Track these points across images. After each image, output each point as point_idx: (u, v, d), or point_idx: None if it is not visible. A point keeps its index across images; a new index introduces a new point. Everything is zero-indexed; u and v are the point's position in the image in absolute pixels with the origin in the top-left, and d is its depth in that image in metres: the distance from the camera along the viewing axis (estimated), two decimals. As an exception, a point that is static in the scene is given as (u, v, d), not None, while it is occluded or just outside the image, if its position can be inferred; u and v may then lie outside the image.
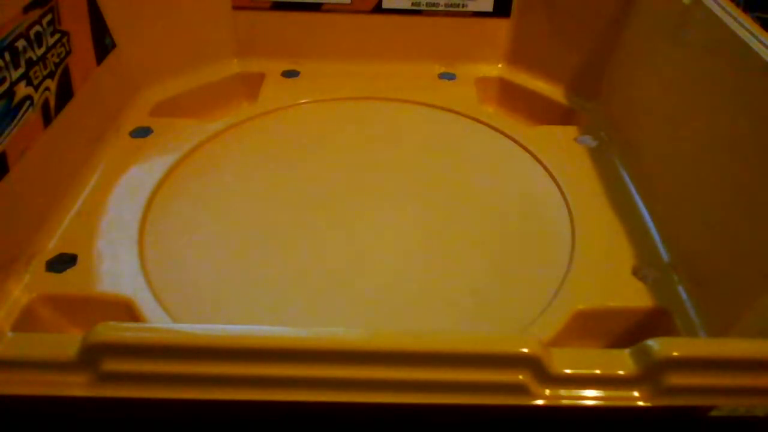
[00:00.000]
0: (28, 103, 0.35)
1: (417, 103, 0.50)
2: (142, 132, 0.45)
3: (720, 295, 0.32)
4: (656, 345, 0.23)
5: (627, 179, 0.42)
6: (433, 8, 0.53)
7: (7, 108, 0.34)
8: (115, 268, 0.34)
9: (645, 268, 0.35)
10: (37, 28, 0.37)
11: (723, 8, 0.38)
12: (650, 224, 0.38)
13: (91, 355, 0.22)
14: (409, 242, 0.38)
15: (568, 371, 0.23)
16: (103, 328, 0.22)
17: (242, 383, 0.22)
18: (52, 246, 0.35)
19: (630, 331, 0.33)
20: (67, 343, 0.22)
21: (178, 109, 0.49)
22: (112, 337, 0.22)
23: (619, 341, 0.33)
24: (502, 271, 0.36)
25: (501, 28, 0.53)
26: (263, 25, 0.53)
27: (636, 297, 0.34)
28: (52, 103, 0.38)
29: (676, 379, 0.23)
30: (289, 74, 0.53)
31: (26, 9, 0.36)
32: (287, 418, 0.26)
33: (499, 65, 0.54)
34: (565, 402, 0.23)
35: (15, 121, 0.34)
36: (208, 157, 0.44)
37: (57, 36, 0.39)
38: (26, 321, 0.32)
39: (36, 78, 0.36)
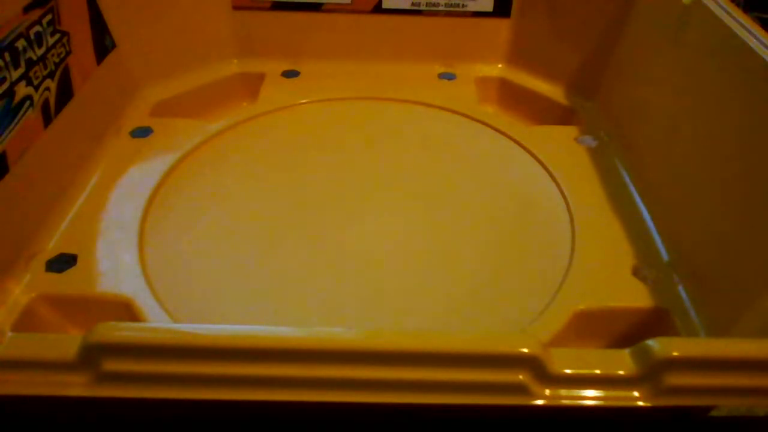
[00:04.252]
0: (28, 103, 0.35)
1: (417, 103, 0.50)
2: (142, 132, 0.45)
3: (720, 295, 0.32)
4: (656, 345, 0.23)
5: (627, 179, 0.42)
6: (433, 8, 0.53)
7: (7, 108, 0.34)
8: (115, 268, 0.34)
9: (645, 268, 0.35)
10: (37, 28, 0.37)
11: (723, 8, 0.38)
12: (650, 224, 0.38)
13: (91, 355, 0.22)
14: (409, 242, 0.38)
15: (568, 371, 0.23)
16: (103, 328, 0.22)
17: (242, 383, 0.22)
18: (52, 246, 0.35)
19: (630, 331, 0.33)
20: (67, 343, 0.22)
21: (178, 109, 0.49)
22: (112, 337, 0.22)
23: (619, 341, 0.33)
24: (502, 271, 0.36)
25: (501, 28, 0.53)
26: (263, 25, 0.53)
27: (636, 297, 0.34)
28: (52, 103, 0.38)
29: (676, 379, 0.23)
30: (289, 74, 0.53)
31: (26, 9, 0.36)
32: (287, 418, 0.26)
33: (499, 65, 0.54)
34: (565, 402, 0.23)
35: (15, 121, 0.34)
36: (208, 157, 0.44)
37: (57, 36, 0.39)
38: (26, 321, 0.32)
39: (36, 78, 0.36)
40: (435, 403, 0.23)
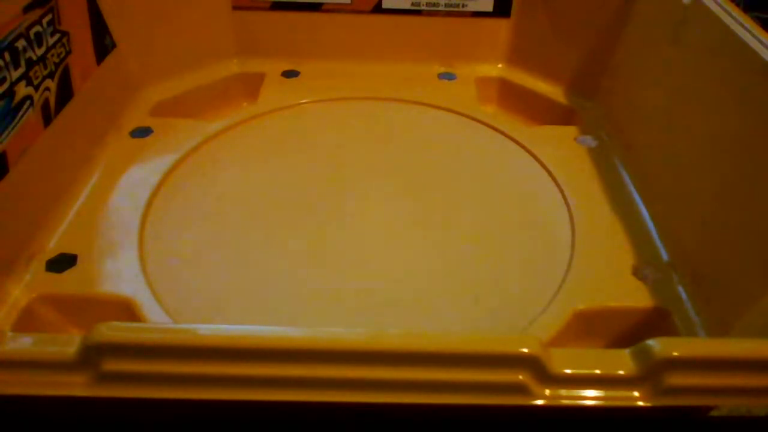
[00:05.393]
0: (28, 103, 0.35)
1: (417, 103, 0.50)
2: (142, 132, 0.45)
3: (720, 295, 0.32)
4: (656, 345, 0.23)
5: (627, 179, 0.42)
6: (433, 8, 0.53)
7: (7, 108, 0.34)
8: (115, 268, 0.34)
9: (645, 268, 0.35)
10: (37, 28, 0.37)
11: (723, 8, 0.38)
12: (650, 224, 0.38)
13: (91, 355, 0.22)
14: (409, 242, 0.38)
15: (568, 371, 0.23)
16: (103, 328, 0.22)
17: (242, 383, 0.22)
18: (52, 246, 0.35)
19: (630, 331, 0.33)
20: (67, 343, 0.22)
21: (178, 109, 0.49)
22: (112, 337, 0.22)
23: (619, 341, 0.33)
24: (502, 271, 0.36)
25: (501, 28, 0.53)
26: (263, 25, 0.53)
27: (636, 297, 0.34)
28: (52, 103, 0.38)
29: (676, 379, 0.23)
30: (289, 74, 0.53)
31: (26, 9, 0.36)
32: (287, 418, 0.26)
33: (499, 65, 0.54)
34: (565, 402, 0.23)
35: (15, 121, 0.34)
36: (208, 157, 0.44)
37: (57, 36, 0.39)
38: (26, 321, 0.32)
39: (36, 78, 0.36)
40: (435, 403, 0.23)
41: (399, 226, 0.39)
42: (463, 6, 0.53)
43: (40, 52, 0.37)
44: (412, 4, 0.53)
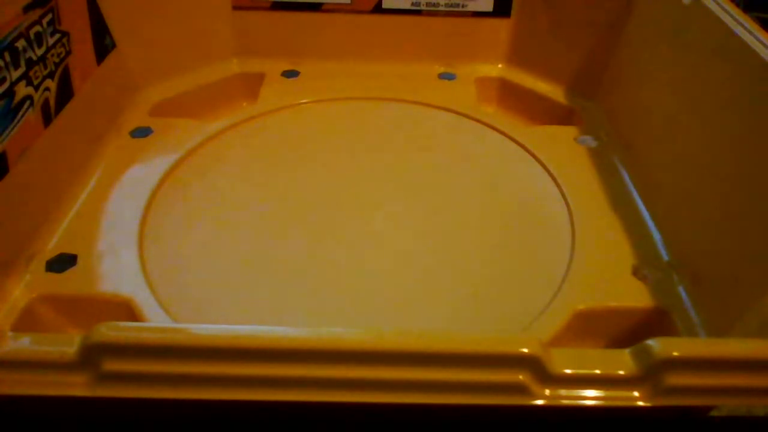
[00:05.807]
0: (28, 103, 0.35)
1: (417, 103, 0.50)
2: (142, 132, 0.45)
3: (720, 295, 0.32)
4: (656, 345, 0.23)
5: (627, 179, 0.42)
6: (433, 8, 0.53)
7: (7, 108, 0.34)
8: (115, 268, 0.34)
9: (645, 268, 0.35)
10: (37, 28, 0.37)
11: (723, 8, 0.38)
12: (650, 224, 0.38)
13: (91, 355, 0.22)
14: (409, 242, 0.38)
15: (568, 371, 0.23)
16: (103, 328, 0.22)
17: (242, 383, 0.22)
18: (52, 246, 0.35)
19: (630, 331, 0.33)
20: (67, 343, 0.22)
21: (178, 109, 0.49)
22: (112, 337, 0.22)
23: (619, 341, 0.33)
24: (502, 271, 0.36)
25: (501, 28, 0.53)
26: (263, 25, 0.53)
27: (636, 297, 0.34)
28: (52, 103, 0.38)
29: (676, 379, 0.23)
30: (289, 74, 0.53)
31: (26, 9, 0.36)
32: (287, 418, 0.26)
33: (499, 65, 0.54)
34: (565, 402, 0.23)
35: (15, 121, 0.34)
36: (208, 157, 0.44)
37: (57, 36, 0.39)
38: (26, 321, 0.32)
39: (36, 78, 0.36)
40: (435, 403, 0.23)
41: (398, 225, 0.39)
42: (463, 6, 0.53)
43: (40, 52, 0.37)
44: (412, 4, 0.53)
